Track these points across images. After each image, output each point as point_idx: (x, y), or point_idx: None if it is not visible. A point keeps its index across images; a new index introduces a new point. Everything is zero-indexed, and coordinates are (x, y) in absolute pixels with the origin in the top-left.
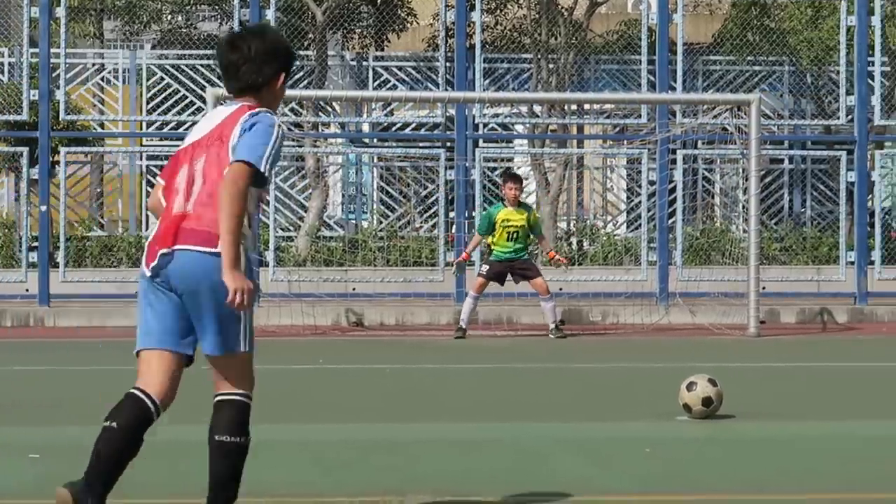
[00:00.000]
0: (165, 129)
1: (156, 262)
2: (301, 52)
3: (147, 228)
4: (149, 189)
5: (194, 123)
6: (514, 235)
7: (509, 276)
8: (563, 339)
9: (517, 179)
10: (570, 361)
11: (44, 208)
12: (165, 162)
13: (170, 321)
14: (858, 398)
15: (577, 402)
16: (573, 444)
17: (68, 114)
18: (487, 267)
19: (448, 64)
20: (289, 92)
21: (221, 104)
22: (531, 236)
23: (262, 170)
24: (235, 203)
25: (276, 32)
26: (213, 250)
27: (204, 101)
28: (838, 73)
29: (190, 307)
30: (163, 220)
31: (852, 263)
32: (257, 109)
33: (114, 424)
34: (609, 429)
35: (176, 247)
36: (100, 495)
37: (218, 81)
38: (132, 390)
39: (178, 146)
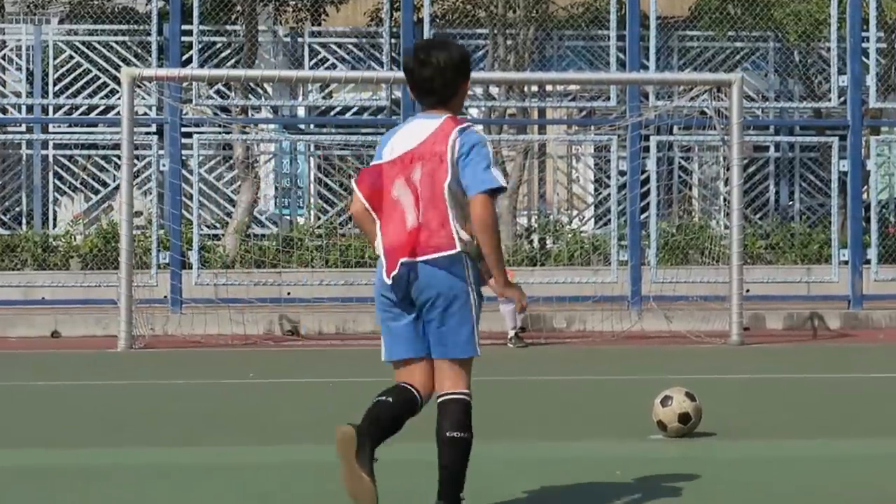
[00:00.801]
0: (75, 115)
1: (397, 271)
2: (228, 28)
3: (55, 226)
4: (57, 182)
5: (108, 109)
6: None
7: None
8: (523, 349)
9: None
10: (530, 373)
11: None
12: (75, 151)
13: (412, 331)
14: (852, 414)
15: (537, 420)
16: (533, 467)
17: None
18: None
19: (393, 40)
20: (214, 72)
21: (137, 86)
22: None
23: (500, 186)
24: (493, 233)
25: (456, 43)
26: (447, 258)
27: (118, 83)
28: (829, 50)
29: (428, 315)
30: (395, 233)
31: (846, 263)
32: (462, 126)
33: (388, 399)
34: (574, 449)
35: (418, 259)
36: (373, 445)
37: (135, 60)
38: (398, 384)
39: (89, 133)
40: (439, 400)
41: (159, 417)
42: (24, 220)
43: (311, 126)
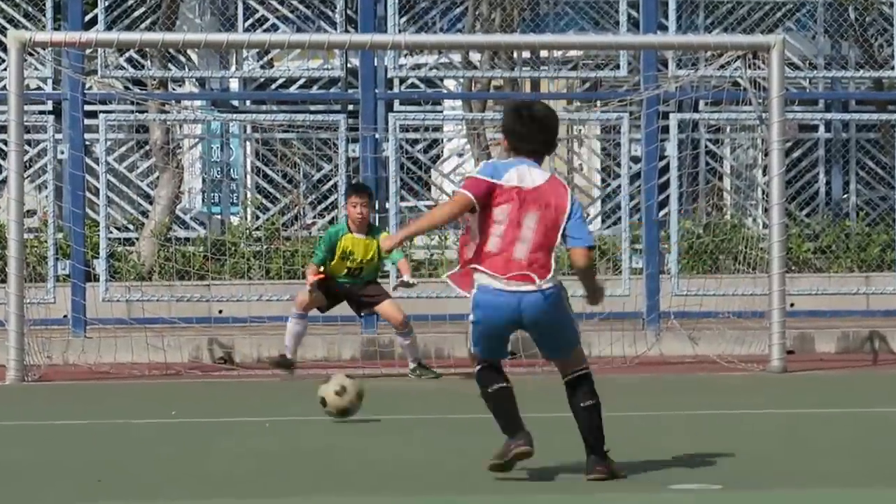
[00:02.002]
0: None
1: (511, 289)
2: None
3: None
4: None
5: None
6: (357, 272)
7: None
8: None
9: (361, 191)
10: (522, 410)
11: None
12: None
13: (504, 339)
14: None
15: (532, 467)
16: None
17: None
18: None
19: None
20: (127, 36)
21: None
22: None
23: (593, 245)
24: (594, 274)
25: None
26: (546, 290)
27: (4, 50)
28: (893, 5)
29: (532, 330)
30: (502, 257)
31: None
32: (569, 188)
33: (503, 384)
34: (577, 503)
35: (524, 288)
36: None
37: (25, 21)
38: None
39: None
40: (567, 378)
41: (56, 467)
42: None
43: (247, 103)
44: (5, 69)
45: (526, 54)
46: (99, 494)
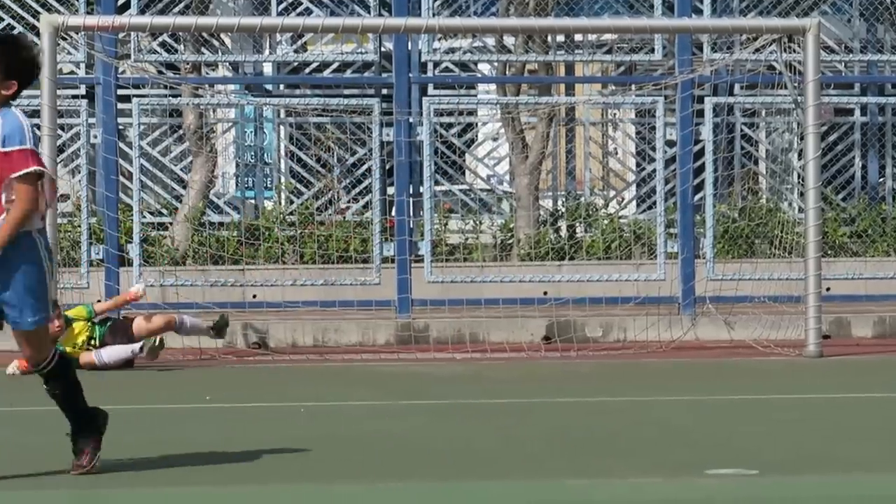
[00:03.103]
0: None
1: None
2: None
3: None
4: None
5: None
6: (92, 341)
7: None
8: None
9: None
10: (557, 394)
11: None
12: None
13: None
14: None
15: (566, 452)
16: None
17: None
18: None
19: None
20: (160, 20)
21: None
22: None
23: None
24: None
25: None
26: None
27: (37, 34)
28: None
29: None
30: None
31: None
32: None
33: None
34: (613, 488)
35: None
36: None
37: (58, 5)
38: None
39: None
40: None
41: None
42: None
43: (281, 87)
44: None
45: (560, 38)
46: (132, 480)
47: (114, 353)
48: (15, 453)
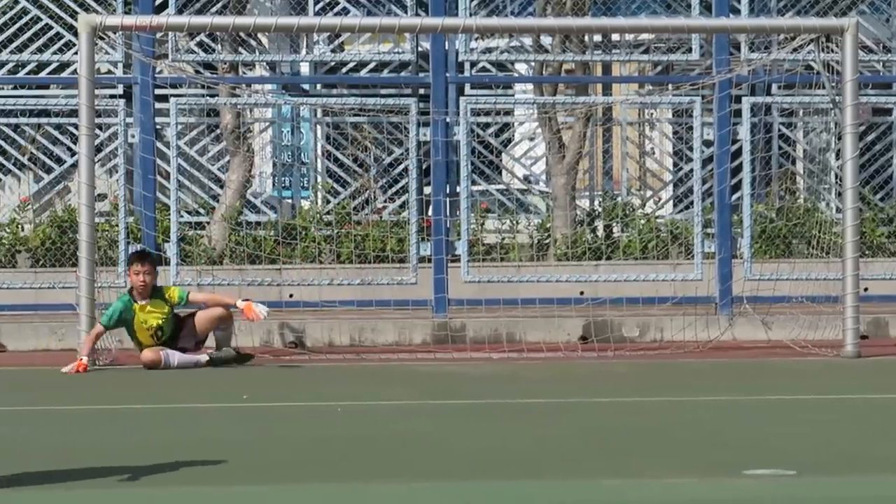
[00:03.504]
0: (21, 74)
1: None
2: None
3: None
4: (3, 161)
5: (63, 66)
6: (159, 332)
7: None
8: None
9: (144, 259)
10: (594, 394)
11: None
12: (22, 119)
13: None
14: None
15: (603, 452)
16: None
17: None
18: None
19: None
20: (198, 20)
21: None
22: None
23: None
24: None
25: None
26: None
27: (75, 34)
28: None
29: None
30: None
31: None
32: None
33: None
34: (650, 488)
35: None
36: None
37: (96, 5)
38: None
39: (39, 96)
40: None
41: (128, 450)
42: None
43: (318, 86)
44: (76, 53)
45: (597, 37)
46: (168, 478)
47: (183, 360)
48: (61, 452)
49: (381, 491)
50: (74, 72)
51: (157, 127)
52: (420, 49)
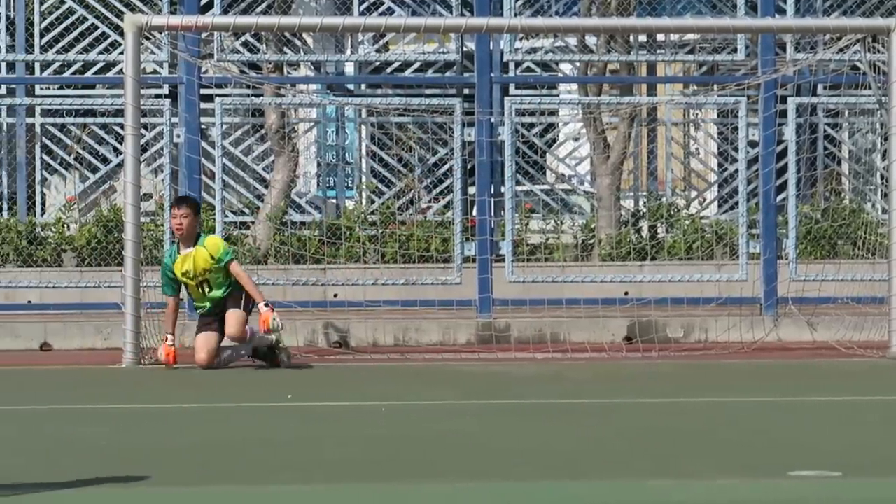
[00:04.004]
0: (67, 73)
1: None
2: None
3: (44, 213)
4: (45, 157)
5: (108, 66)
6: (206, 286)
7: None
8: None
9: (182, 202)
10: (638, 395)
11: None
12: (68, 119)
13: None
14: None
15: (648, 452)
16: None
17: None
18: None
19: None
20: (243, 20)
21: (146, 37)
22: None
23: None
24: None
25: None
26: None
27: (121, 34)
28: None
29: None
30: None
31: None
32: None
33: None
34: (695, 489)
35: None
36: None
37: (142, 6)
38: None
39: (86, 96)
40: None
41: (172, 450)
42: (4, 205)
43: (363, 86)
44: (122, 53)
45: (642, 37)
46: (212, 478)
47: (231, 355)
48: (112, 451)
49: (424, 490)
50: (120, 71)
51: (203, 127)
52: (465, 49)
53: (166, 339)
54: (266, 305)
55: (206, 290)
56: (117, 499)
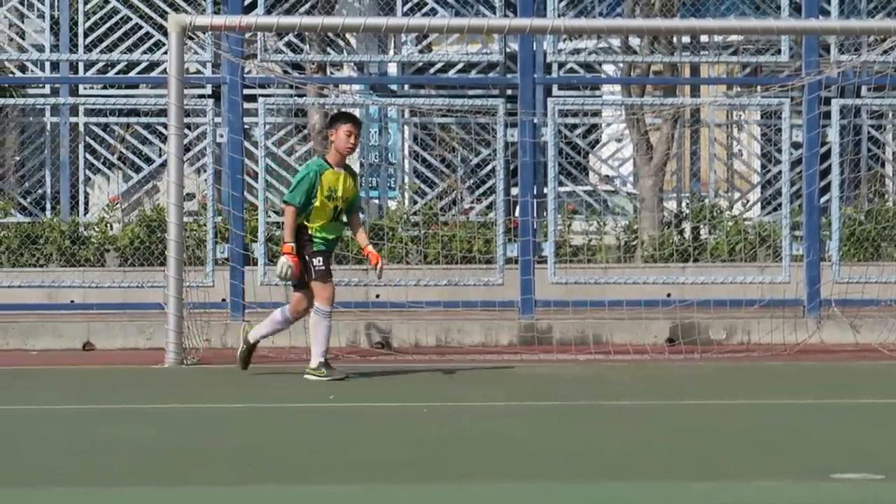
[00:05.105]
0: (111, 73)
1: None
2: None
3: (87, 212)
4: (89, 157)
5: (152, 66)
6: (339, 211)
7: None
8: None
9: (359, 123)
10: (680, 397)
11: None
12: (112, 118)
13: None
14: None
15: (691, 454)
16: None
17: None
18: (321, 261)
19: None
20: (284, 19)
21: (189, 37)
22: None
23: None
24: None
25: None
26: None
27: (164, 34)
28: None
29: None
30: None
31: None
32: None
33: None
34: (739, 491)
35: None
36: None
37: (185, 5)
38: None
39: (129, 96)
40: None
41: (214, 451)
42: (48, 205)
43: (406, 87)
44: (166, 53)
45: (686, 39)
46: (251, 477)
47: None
48: (154, 450)
49: (467, 491)
50: (164, 71)
51: (246, 127)
52: (508, 50)
53: (290, 248)
54: (372, 250)
55: (338, 212)
56: (159, 499)
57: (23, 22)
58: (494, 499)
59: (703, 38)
